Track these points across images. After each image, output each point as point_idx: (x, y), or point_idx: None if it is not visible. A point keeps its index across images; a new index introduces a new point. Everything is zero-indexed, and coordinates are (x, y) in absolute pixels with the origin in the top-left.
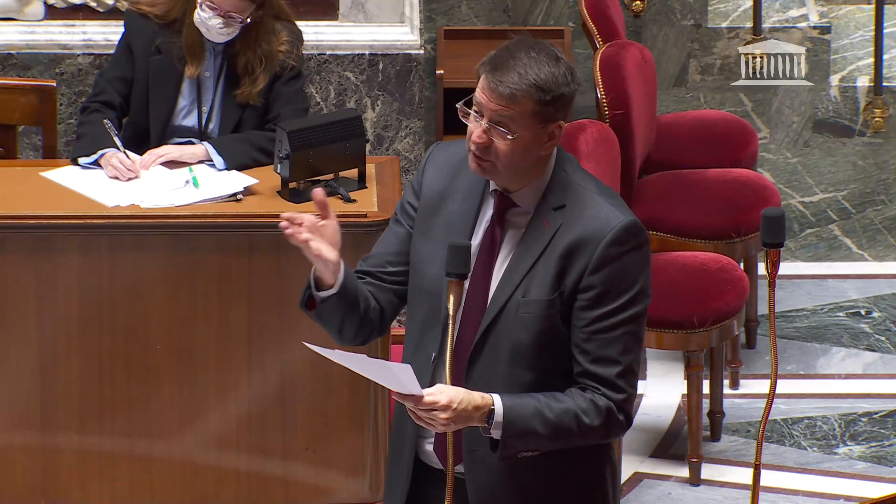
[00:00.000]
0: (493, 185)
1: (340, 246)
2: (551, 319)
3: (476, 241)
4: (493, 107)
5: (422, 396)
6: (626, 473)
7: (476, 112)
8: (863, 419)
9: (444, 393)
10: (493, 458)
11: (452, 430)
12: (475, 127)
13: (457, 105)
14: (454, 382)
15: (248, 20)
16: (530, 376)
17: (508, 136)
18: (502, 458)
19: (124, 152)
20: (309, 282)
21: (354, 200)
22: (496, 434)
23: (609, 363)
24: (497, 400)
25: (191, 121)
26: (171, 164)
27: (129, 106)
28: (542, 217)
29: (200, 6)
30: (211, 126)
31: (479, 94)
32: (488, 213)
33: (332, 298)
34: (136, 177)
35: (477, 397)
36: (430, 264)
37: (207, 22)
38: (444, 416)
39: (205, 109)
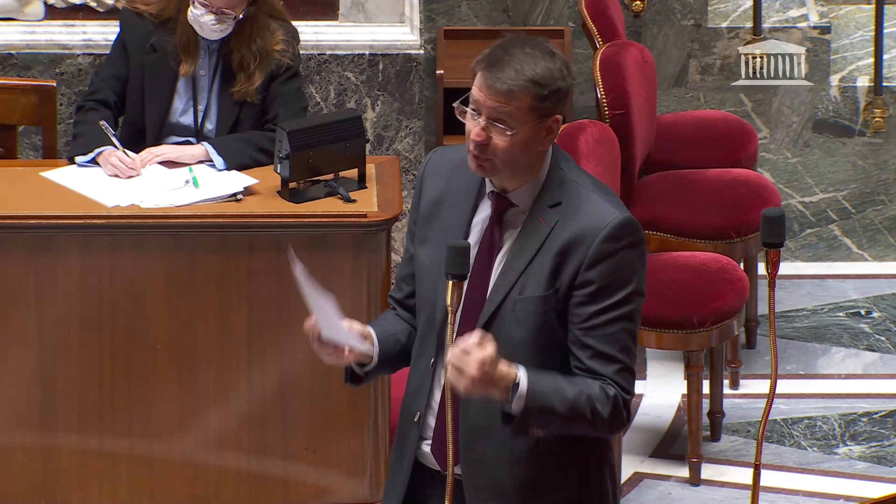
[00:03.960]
0: (489, 187)
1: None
2: (546, 316)
3: (471, 241)
4: (491, 104)
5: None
6: (626, 473)
7: (473, 110)
8: (863, 419)
9: (479, 337)
10: (490, 457)
11: (471, 389)
12: (473, 125)
13: (453, 105)
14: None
15: (241, 16)
16: None
17: (508, 133)
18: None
19: (123, 151)
20: (349, 366)
21: (354, 200)
22: (517, 406)
23: (608, 360)
24: (522, 372)
25: (187, 119)
26: (171, 164)
27: (124, 104)
28: (538, 215)
29: (193, 3)
30: (208, 125)
31: (476, 92)
32: (483, 213)
33: (374, 368)
34: (136, 174)
35: (504, 364)
36: (428, 271)
37: (200, 19)
38: (477, 356)
39: (200, 108)
